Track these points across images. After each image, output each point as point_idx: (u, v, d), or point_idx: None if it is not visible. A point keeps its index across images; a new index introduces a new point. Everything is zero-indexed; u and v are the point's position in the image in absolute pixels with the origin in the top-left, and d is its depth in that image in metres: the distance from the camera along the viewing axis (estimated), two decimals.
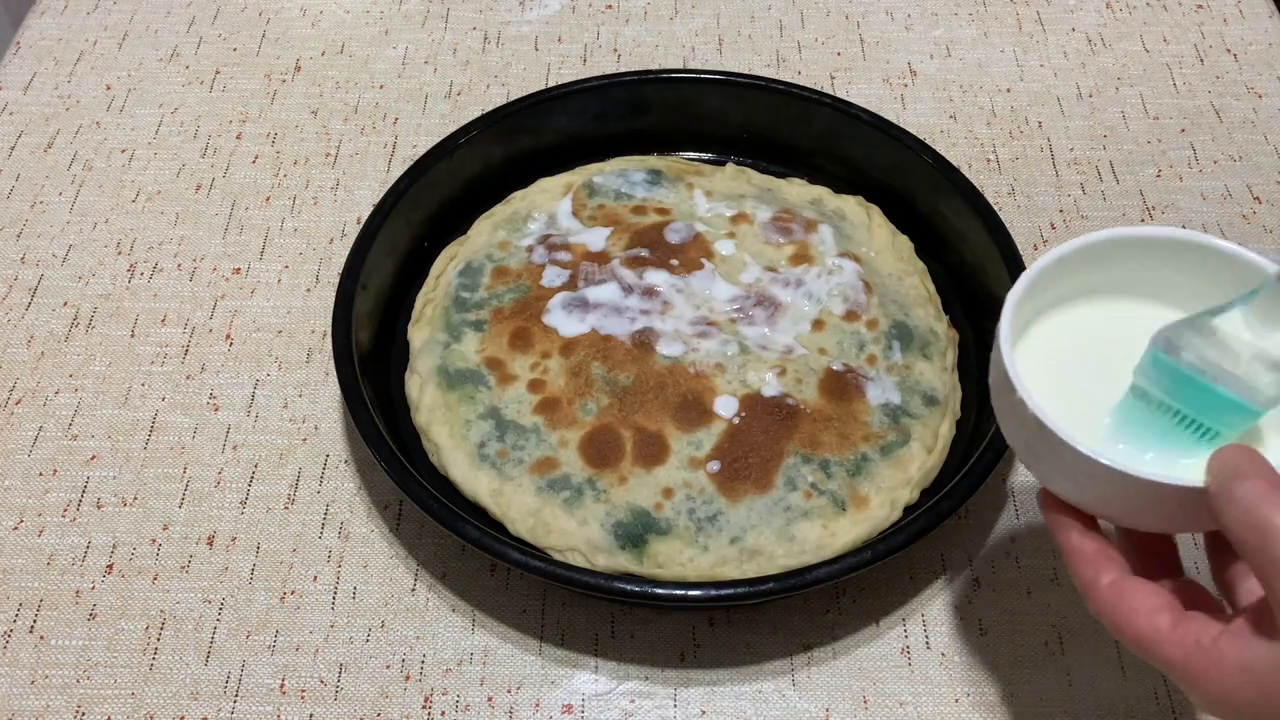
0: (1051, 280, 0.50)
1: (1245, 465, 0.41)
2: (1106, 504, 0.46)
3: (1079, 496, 0.47)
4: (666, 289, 0.70)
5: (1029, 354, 0.50)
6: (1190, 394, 0.46)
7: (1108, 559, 0.46)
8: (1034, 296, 0.50)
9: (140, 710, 0.59)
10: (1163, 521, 0.46)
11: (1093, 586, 0.45)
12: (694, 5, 0.97)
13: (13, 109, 0.89)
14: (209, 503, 0.67)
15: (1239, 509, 0.40)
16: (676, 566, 0.60)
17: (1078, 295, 0.52)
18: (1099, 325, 0.51)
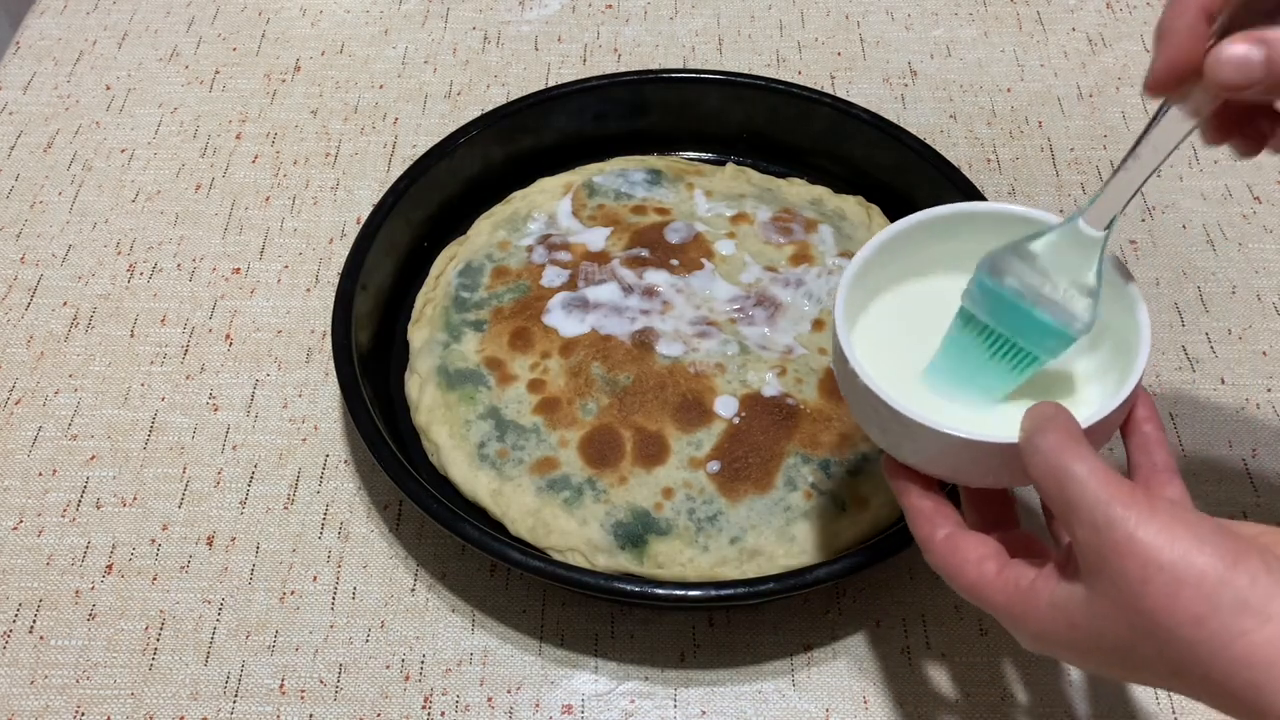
0: (881, 263, 0.53)
1: (1047, 419, 0.44)
2: (937, 464, 0.49)
3: (915, 459, 0.49)
4: (666, 289, 0.70)
5: (864, 332, 0.53)
6: (1011, 317, 0.48)
7: (942, 515, 0.48)
8: (865, 277, 0.53)
9: (140, 710, 0.59)
10: (989, 476, 0.49)
11: (929, 540, 0.48)
12: (694, 5, 0.97)
13: (12, 109, 0.89)
14: (209, 503, 0.67)
15: (1041, 459, 0.43)
16: (676, 567, 0.60)
17: (907, 274, 0.54)
18: (928, 299, 0.54)
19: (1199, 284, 0.77)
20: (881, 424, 0.49)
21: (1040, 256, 0.49)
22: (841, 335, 0.50)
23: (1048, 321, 0.48)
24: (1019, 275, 0.48)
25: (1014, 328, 0.49)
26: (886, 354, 0.51)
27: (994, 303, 0.49)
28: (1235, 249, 0.79)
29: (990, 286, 0.49)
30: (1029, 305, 0.48)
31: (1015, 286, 0.48)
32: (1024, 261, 0.49)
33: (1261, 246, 0.79)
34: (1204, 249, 0.79)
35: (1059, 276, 0.49)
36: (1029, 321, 0.48)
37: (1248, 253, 0.79)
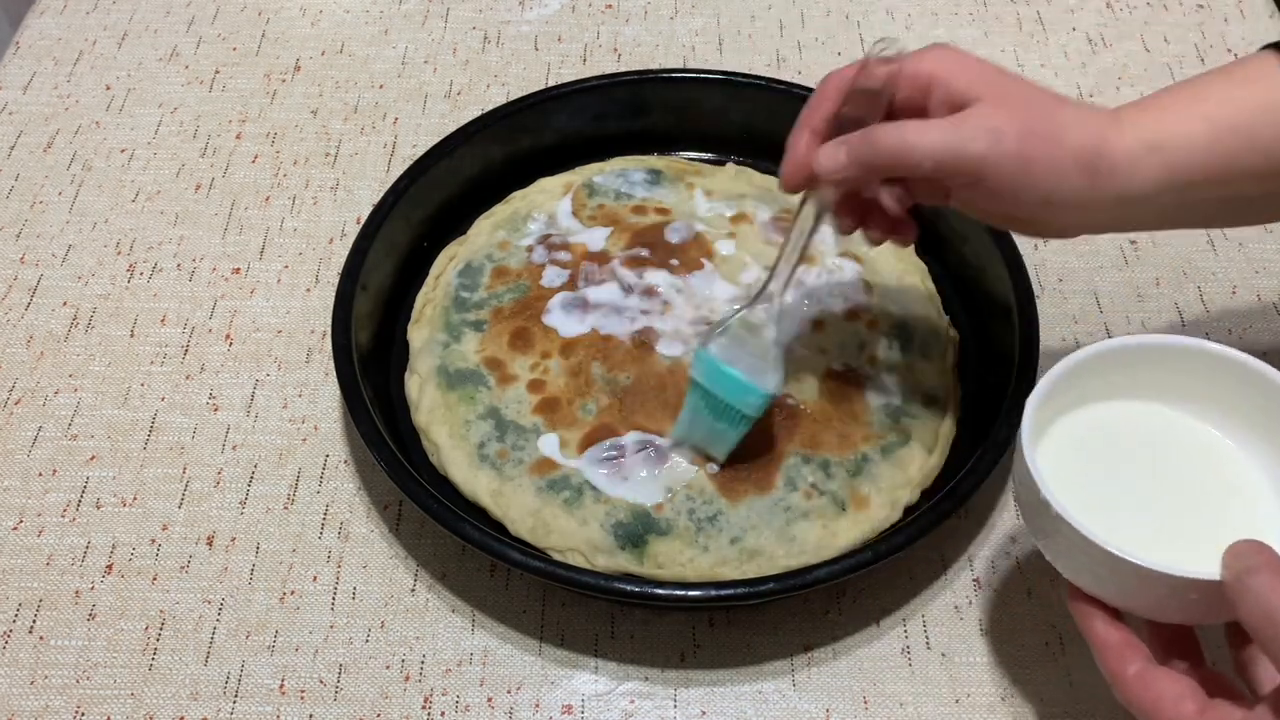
0: (1069, 383, 0.53)
1: (1256, 558, 0.45)
2: (1129, 597, 0.49)
3: (1102, 590, 0.49)
4: (666, 289, 0.70)
5: (1049, 453, 0.53)
6: (719, 380, 0.59)
7: (1132, 649, 0.48)
8: (1053, 397, 0.53)
9: (140, 710, 0.59)
10: (1183, 612, 0.49)
11: (1119, 676, 0.48)
12: (694, 5, 0.97)
13: (12, 109, 0.89)
14: (209, 503, 0.67)
15: (1253, 600, 0.44)
16: (676, 567, 0.60)
17: (1095, 396, 0.55)
18: (1115, 424, 0.55)
19: (1199, 284, 0.77)
20: (1072, 555, 0.49)
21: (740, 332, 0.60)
22: (1029, 458, 0.50)
23: (740, 379, 0.59)
24: (724, 346, 0.60)
25: (722, 388, 0.59)
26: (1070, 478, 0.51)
27: (705, 367, 0.60)
28: (1235, 249, 0.79)
29: (701, 354, 0.60)
30: (727, 367, 0.59)
31: (717, 354, 0.59)
32: (730, 336, 0.60)
33: (1261, 246, 0.79)
34: (1204, 249, 0.79)
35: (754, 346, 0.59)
36: (730, 381, 0.59)
37: (1248, 253, 0.79)
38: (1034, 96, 0.53)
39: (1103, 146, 0.52)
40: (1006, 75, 0.54)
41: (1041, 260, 0.78)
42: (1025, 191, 0.52)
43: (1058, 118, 0.52)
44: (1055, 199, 0.52)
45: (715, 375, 0.59)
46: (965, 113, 0.52)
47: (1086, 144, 0.52)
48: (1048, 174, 0.51)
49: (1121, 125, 0.53)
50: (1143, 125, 0.53)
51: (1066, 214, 0.54)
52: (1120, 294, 0.76)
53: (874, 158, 0.53)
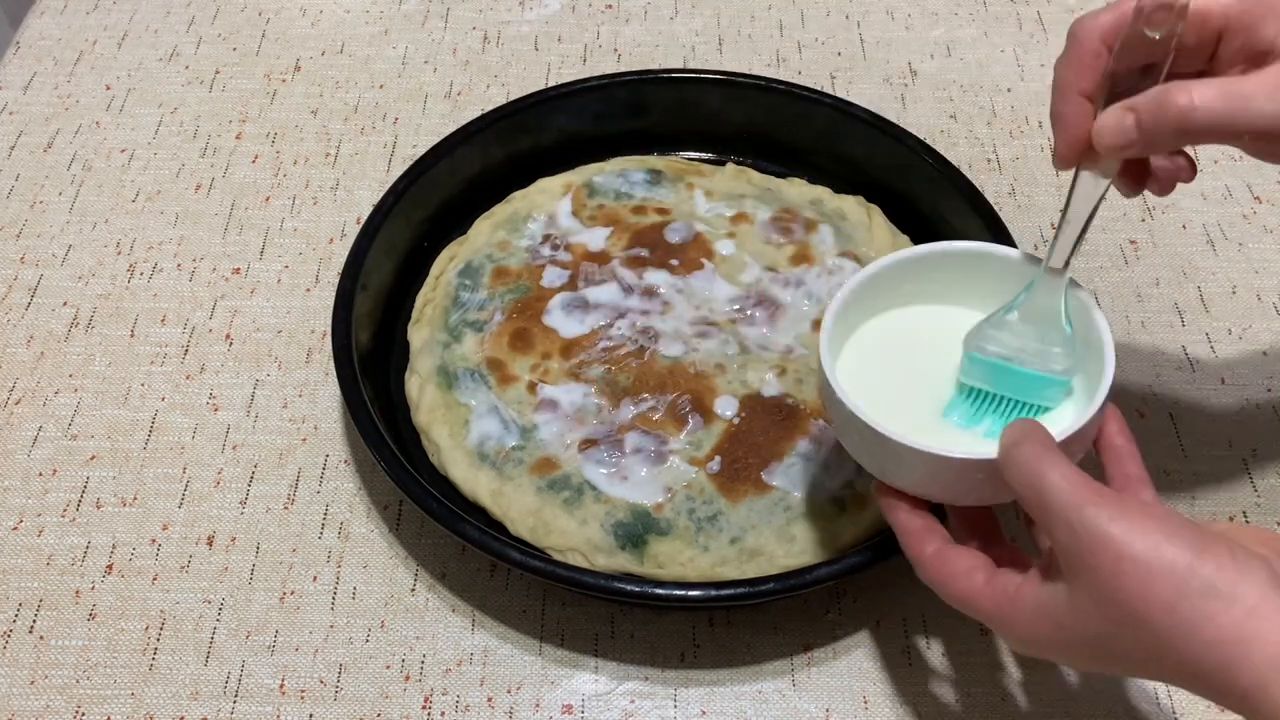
0: (860, 296, 0.56)
1: (1023, 433, 0.46)
2: (922, 484, 0.52)
3: (903, 481, 0.52)
4: (666, 289, 0.70)
5: (850, 361, 0.56)
6: (1005, 379, 0.53)
7: (930, 532, 0.51)
8: (847, 311, 0.56)
9: (140, 710, 0.59)
10: (973, 493, 0.51)
11: (920, 556, 0.50)
12: (694, 5, 0.97)
13: (13, 109, 0.89)
14: (209, 503, 0.67)
15: (1018, 470, 0.45)
16: (676, 566, 0.60)
17: (888, 305, 0.58)
18: (908, 328, 0.58)
19: (1199, 284, 0.77)
20: (868, 449, 0.52)
21: (1015, 321, 0.54)
22: (826, 364, 0.53)
23: (1038, 375, 0.53)
24: (1000, 343, 0.53)
25: (1013, 388, 0.53)
26: (870, 380, 0.54)
27: (987, 371, 0.54)
28: (1235, 249, 0.79)
29: (980, 359, 0.54)
30: (1017, 365, 0.53)
31: (1000, 353, 0.53)
32: (1001, 329, 0.54)
33: (1261, 246, 0.79)
34: (1204, 249, 0.79)
35: (1035, 333, 0.53)
36: (1023, 379, 0.53)
37: (1248, 253, 0.79)
38: None
39: None
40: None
41: None
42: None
43: None
44: None
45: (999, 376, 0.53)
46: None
47: None
48: None
49: None
50: None
51: None
52: (1120, 294, 0.76)
53: (1182, 127, 0.45)
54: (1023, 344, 0.53)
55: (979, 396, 0.54)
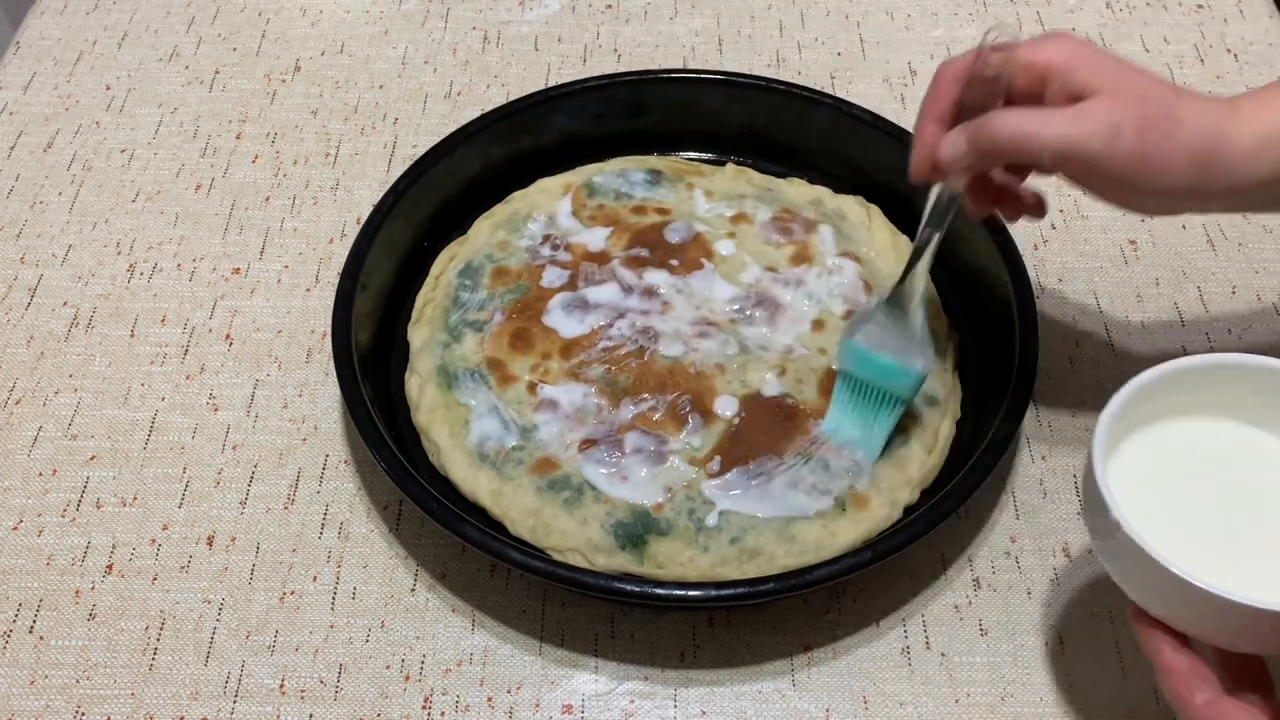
0: (1140, 400, 0.52)
1: None
2: (1199, 624, 0.47)
3: (1171, 615, 0.48)
4: (666, 289, 0.70)
5: (1119, 471, 0.51)
6: (868, 366, 0.62)
7: (1200, 677, 0.47)
8: (1125, 414, 0.51)
9: (140, 710, 0.59)
10: (1256, 642, 0.47)
11: (1187, 703, 0.47)
12: (694, 5, 0.97)
13: (13, 109, 0.89)
14: (209, 503, 0.67)
15: None
16: (676, 566, 0.60)
17: (1168, 414, 0.53)
18: (1189, 442, 0.53)
19: (1199, 284, 0.77)
20: (1140, 578, 0.48)
21: (884, 318, 0.62)
22: (1099, 475, 0.49)
23: (891, 363, 0.61)
24: (868, 334, 0.62)
25: (873, 374, 0.62)
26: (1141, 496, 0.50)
27: (852, 355, 0.63)
28: (1235, 249, 0.79)
29: (847, 343, 0.63)
30: (877, 354, 0.62)
31: (865, 342, 0.62)
32: (873, 323, 0.63)
33: (1261, 246, 0.79)
34: (1204, 249, 0.79)
35: (899, 330, 0.62)
36: (880, 367, 0.62)
37: (1248, 253, 0.79)
38: (1152, 89, 0.53)
39: (1219, 143, 0.53)
40: (1124, 66, 0.54)
41: (1041, 260, 0.78)
42: (1138, 183, 0.53)
43: (1175, 112, 0.53)
44: (1166, 192, 0.53)
45: (863, 363, 0.62)
46: (1084, 105, 0.53)
47: (1202, 139, 0.52)
48: (1162, 170, 0.52)
49: (1239, 118, 0.53)
50: (1260, 120, 0.53)
51: (1173, 203, 0.55)
52: (1120, 294, 0.76)
53: (994, 146, 0.54)
54: (886, 339, 0.62)
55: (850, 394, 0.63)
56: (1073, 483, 0.67)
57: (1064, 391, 0.71)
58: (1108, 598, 0.63)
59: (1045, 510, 0.66)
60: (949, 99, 0.57)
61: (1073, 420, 0.70)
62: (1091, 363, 0.73)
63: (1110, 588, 0.63)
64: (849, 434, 0.63)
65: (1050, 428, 0.70)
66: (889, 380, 0.62)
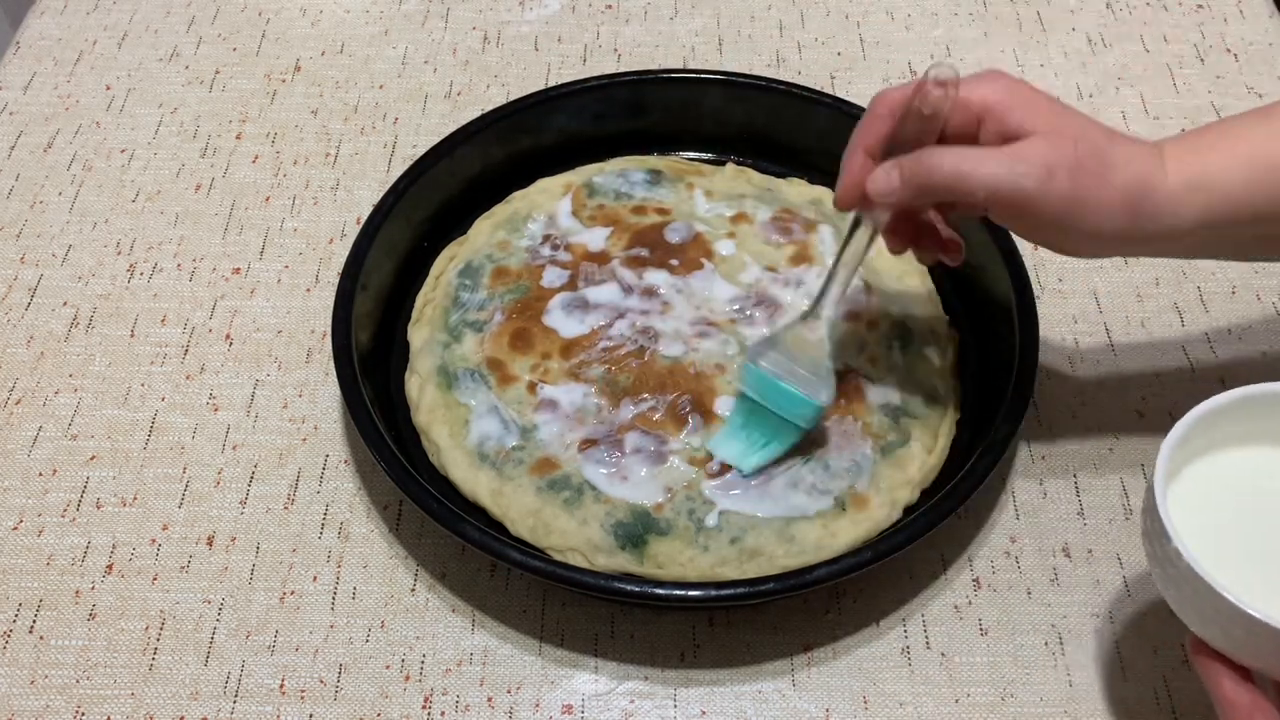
0: (1202, 427, 0.51)
1: None
2: (1263, 658, 0.46)
3: (1233, 648, 0.47)
4: (666, 289, 0.70)
5: (1180, 499, 0.50)
6: (770, 392, 0.61)
7: (1262, 712, 0.46)
8: (1185, 444, 0.51)
9: (140, 710, 0.59)
10: None
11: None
12: (694, 5, 0.97)
13: (13, 109, 0.89)
14: (209, 503, 0.67)
15: None
16: (676, 566, 0.60)
17: (1228, 442, 0.52)
18: (1251, 473, 0.52)
19: (1199, 284, 0.77)
20: (1200, 610, 0.47)
21: (790, 345, 0.61)
22: (1161, 506, 0.48)
23: (793, 392, 0.60)
24: (774, 360, 0.61)
25: (773, 400, 0.61)
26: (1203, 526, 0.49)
27: (754, 380, 0.61)
28: None
29: (750, 367, 0.61)
30: (782, 382, 0.60)
31: (771, 369, 0.61)
32: (779, 349, 0.61)
33: None
34: None
35: (805, 359, 0.61)
36: (783, 395, 0.60)
37: None
38: (1086, 132, 0.54)
39: (1148, 187, 0.53)
40: (1060, 108, 0.55)
41: (1041, 260, 0.78)
42: (1070, 225, 0.53)
43: (1108, 156, 0.53)
44: (1097, 235, 0.54)
45: (766, 388, 0.61)
46: (1019, 145, 0.53)
47: (1133, 184, 0.53)
48: (1094, 212, 0.53)
49: (1165, 164, 0.54)
50: (1186, 164, 0.54)
51: (1103, 246, 0.56)
52: (1120, 294, 0.76)
53: (928, 183, 0.54)
54: (792, 366, 0.61)
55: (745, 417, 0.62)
56: (1073, 482, 0.67)
57: (1064, 391, 0.71)
58: (1108, 598, 0.63)
59: (1045, 510, 0.66)
60: (882, 131, 0.56)
61: (1073, 420, 0.70)
62: (1091, 363, 0.73)
63: (1110, 588, 0.63)
64: (728, 453, 0.62)
65: (1050, 428, 0.70)
66: (790, 409, 0.61)
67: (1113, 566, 0.64)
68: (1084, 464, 0.68)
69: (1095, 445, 0.69)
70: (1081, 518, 0.66)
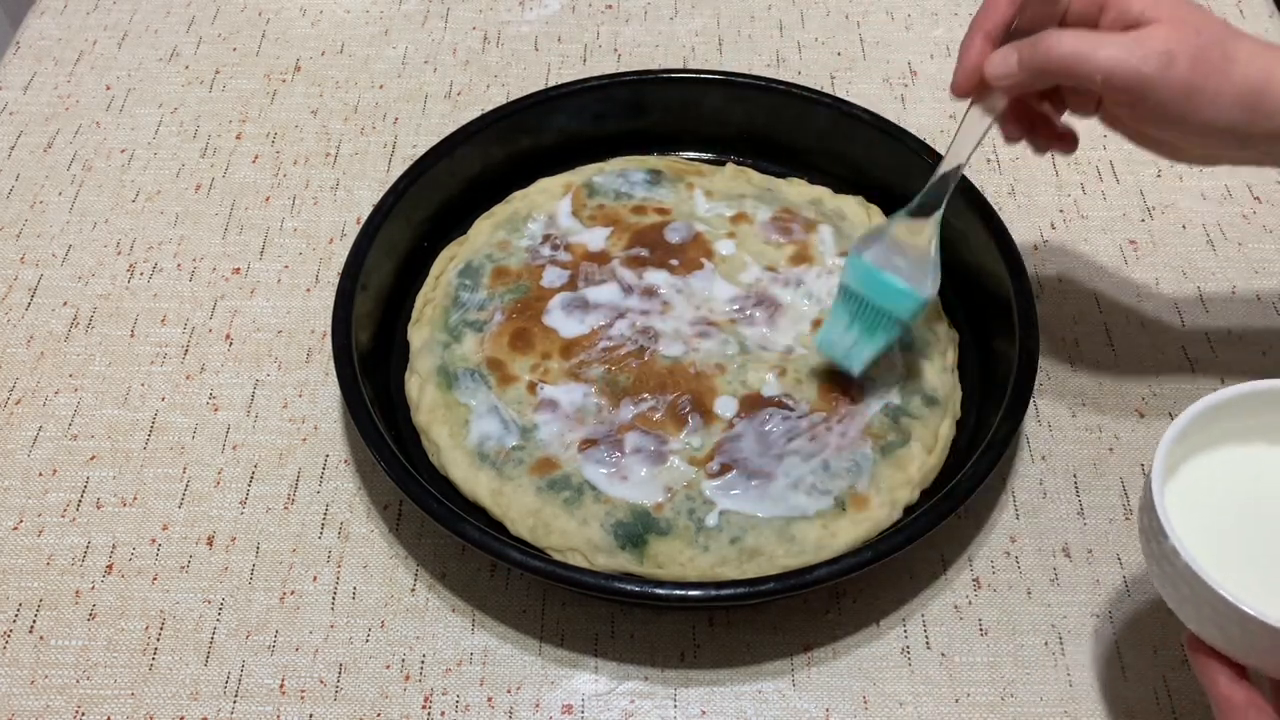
0: (1202, 424, 0.51)
1: None
2: (1259, 656, 0.46)
3: (1229, 646, 0.47)
4: (666, 289, 0.70)
5: (1178, 496, 0.50)
6: (873, 285, 0.61)
7: (1258, 710, 0.46)
8: (1184, 440, 0.50)
9: (140, 710, 0.59)
10: None
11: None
12: (694, 5, 0.97)
13: (13, 109, 0.89)
14: (209, 503, 0.67)
15: None
16: (676, 566, 0.60)
17: (1228, 439, 0.52)
18: (1250, 470, 0.52)
19: (1199, 284, 0.77)
20: (1198, 607, 0.47)
21: (895, 239, 0.62)
22: (1158, 503, 0.48)
23: (897, 284, 0.61)
24: (878, 253, 0.62)
25: (875, 292, 0.61)
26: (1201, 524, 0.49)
27: (858, 272, 0.62)
28: (1235, 249, 0.79)
29: (855, 259, 0.62)
30: (882, 272, 0.61)
31: (874, 260, 0.61)
32: (883, 243, 0.62)
33: (1261, 246, 0.79)
34: (1204, 249, 0.79)
35: (910, 253, 0.61)
36: (885, 286, 0.61)
37: (1248, 253, 0.79)
38: (1209, 24, 0.54)
39: (1269, 85, 0.53)
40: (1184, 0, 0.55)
41: (1041, 260, 0.78)
42: (1184, 118, 0.53)
43: (1230, 49, 0.53)
44: (1211, 129, 0.54)
45: (869, 280, 0.61)
46: (1141, 32, 0.53)
47: (1254, 80, 0.53)
48: (1210, 104, 0.53)
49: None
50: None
51: (1215, 144, 0.56)
52: (1120, 294, 0.76)
53: (1046, 65, 0.54)
54: (894, 259, 0.61)
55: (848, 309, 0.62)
56: (1073, 482, 0.67)
57: (1064, 391, 0.71)
58: (1108, 598, 0.63)
59: (1045, 510, 0.66)
60: (1003, 15, 0.56)
61: (1073, 420, 0.70)
62: (1091, 363, 0.73)
63: (1110, 588, 0.63)
64: (838, 349, 0.63)
65: (1050, 428, 0.70)
66: (892, 301, 0.61)
67: (1113, 566, 0.64)
68: (1084, 464, 0.68)
69: (1095, 445, 0.69)
70: (1081, 518, 0.66)
